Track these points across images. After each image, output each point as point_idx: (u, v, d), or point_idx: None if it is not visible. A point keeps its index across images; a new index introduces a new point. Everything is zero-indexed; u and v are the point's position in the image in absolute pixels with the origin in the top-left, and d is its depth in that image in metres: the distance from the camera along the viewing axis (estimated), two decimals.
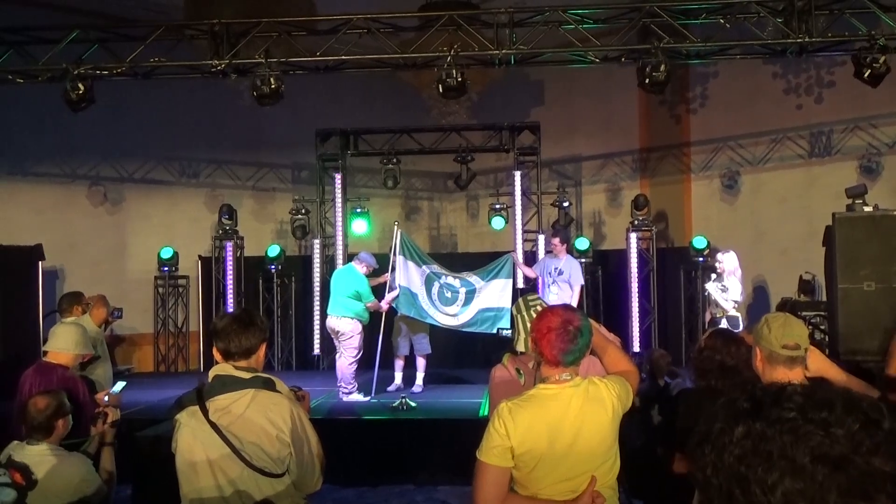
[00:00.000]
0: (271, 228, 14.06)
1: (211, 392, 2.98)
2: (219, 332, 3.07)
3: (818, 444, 0.86)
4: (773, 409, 0.92)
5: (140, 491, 6.86)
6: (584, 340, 2.76)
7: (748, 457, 0.89)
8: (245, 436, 2.91)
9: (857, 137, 11.63)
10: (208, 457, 2.91)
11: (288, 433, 2.95)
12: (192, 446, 2.95)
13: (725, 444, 0.92)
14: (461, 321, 9.29)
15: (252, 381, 3.01)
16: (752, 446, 0.89)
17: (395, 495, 7.15)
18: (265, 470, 2.91)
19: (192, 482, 2.95)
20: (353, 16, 9.39)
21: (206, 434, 2.91)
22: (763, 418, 0.91)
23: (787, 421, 0.89)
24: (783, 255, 11.67)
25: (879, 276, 6.55)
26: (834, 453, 0.85)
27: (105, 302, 7.23)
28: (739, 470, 0.89)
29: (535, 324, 2.81)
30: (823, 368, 3.16)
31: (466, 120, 14.04)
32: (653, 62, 8.79)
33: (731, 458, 0.90)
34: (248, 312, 3.19)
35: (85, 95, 9.19)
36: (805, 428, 0.88)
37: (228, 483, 2.90)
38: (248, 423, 2.92)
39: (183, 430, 2.98)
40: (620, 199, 13.90)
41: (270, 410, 2.96)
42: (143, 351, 13.15)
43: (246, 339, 3.05)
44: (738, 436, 0.91)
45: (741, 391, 0.99)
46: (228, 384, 2.99)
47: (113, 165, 13.10)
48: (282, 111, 10.81)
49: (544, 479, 2.71)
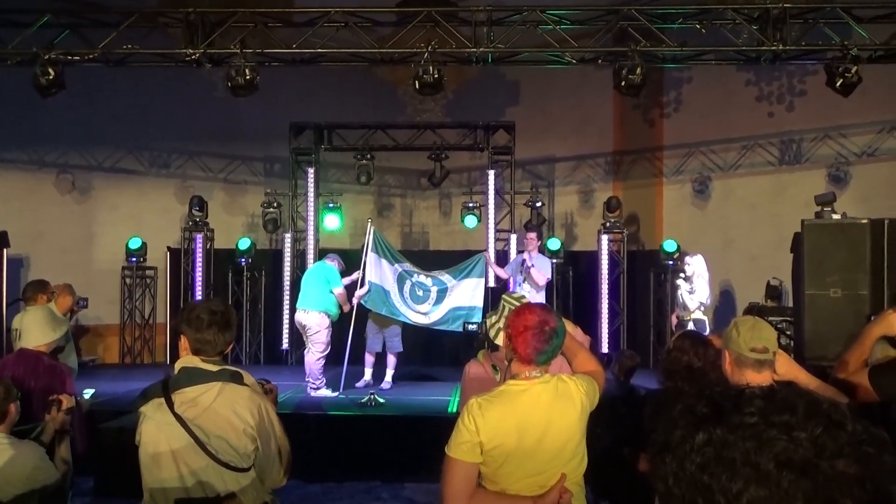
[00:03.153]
0: (242, 221, 13.94)
1: (177, 384, 2.93)
2: (194, 328, 2.99)
3: (782, 450, 0.83)
4: (734, 414, 0.88)
5: (103, 482, 6.79)
6: (558, 342, 2.78)
7: (711, 465, 0.86)
8: (211, 429, 2.86)
9: (826, 146, 11.77)
10: (172, 449, 2.87)
11: (255, 427, 2.92)
12: (156, 438, 2.90)
13: (686, 453, 0.88)
14: (432, 319, 9.29)
15: (219, 373, 2.97)
16: (714, 454, 0.86)
17: (362, 492, 7.12)
18: (230, 464, 2.87)
19: (155, 474, 2.90)
20: (330, 9, 9.34)
21: (170, 426, 2.86)
22: (724, 424, 0.88)
23: (749, 426, 0.86)
24: (752, 260, 11.78)
25: (845, 282, 6.64)
26: (798, 458, 0.82)
27: (71, 291, 7.10)
28: (702, 479, 0.86)
29: (512, 321, 2.81)
30: (792, 372, 3.19)
31: (441, 118, 14.02)
32: (629, 65, 8.85)
33: (692, 467, 0.87)
34: (226, 312, 3.07)
35: (55, 81, 9.04)
36: (768, 433, 0.85)
37: (191, 475, 2.86)
38: (214, 415, 2.88)
39: (147, 422, 2.93)
40: (593, 200, 13.96)
41: (237, 404, 2.92)
42: (109, 342, 12.99)
43: (223, 341, 3.00)
44: (700, 443, 0.88)
45: (698, 395, 0.95)
46: (195, 376, 2.94)
47: (82, 154, 12.91)
48: (255, 103, 10.72)
49: (513, 475, 2.71)
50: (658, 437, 0.95)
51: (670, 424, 0.94)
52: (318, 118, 12.57)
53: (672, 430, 0.92)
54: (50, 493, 3.77)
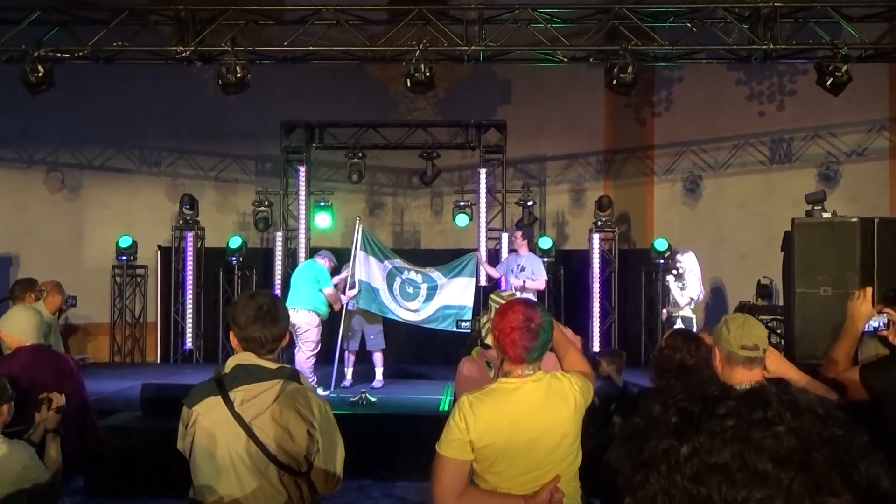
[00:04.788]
0: (233, 220, 13.90)
1: (235, 382, 2.79)
2: (239, 324, 2.85)
3: (772, 447, 0.80)
4: (710, 419, 0.84)
5: (92, 481, 6.75)
6: (547, 336, 2.77)
7: (704, 475, 0.81)
8: (271, 429, 2.75)
9: (816, 145, 11.82)
10: (229, 450, 2.75)
11: (318, 427, 2.80)
12: (211, 440, 2.76)
13: (673, 466, 0.83)
14: (422, 317, 9.26)
15: (280, 371, 2.85)
16: (702, 463, 0.82)
17: (353, 490, 7.10)
18: (290, 466, 2.77)
19: (210, 478, 2.78)
20: (321, 7, 9.32)
21: (228, 426, 2.74)
22: (703, 431, 0.83)
23: (729, 429, 0.82)
24: (742, 259, 11.82)
25: (836, 281, 6.65)
26: (793, 453, 0.80)
27: (60, 289, 7.06)
28: (699, 491, 0.81)
29: (497, 322, 2.79)
30: (782, 370, 3.20)
31: (433, 116, 14.00)
32: (620, 63, 8.86)
33: (685, 481, 0.82)
34: (272, 306, 2.92)
35: (45, 78, 8.99)
36: (752, 433, 0.81)
37: (249, 479, 2.75)
38: (275, 415, 2.76)
39: (201, 423, 2.79)
40: (584, 199, 13.97)
41: (300, 403, 2.80)
42: (99, 341, 12.92)
43: (271, 337, 2.87)
44: (686, 454, 0.83)
45: (663, 406, 0.90)
46: (254, 374, 2.80)
47: (72, 151, 12.84)
48: (246, 102, 10.68)
49: (505, 473, 2.70)
50: (625, 454, 0.89)
51: (638, 439, 0.88)
52: (310, 116, 12.53)
53: (643, 444, 0.87)
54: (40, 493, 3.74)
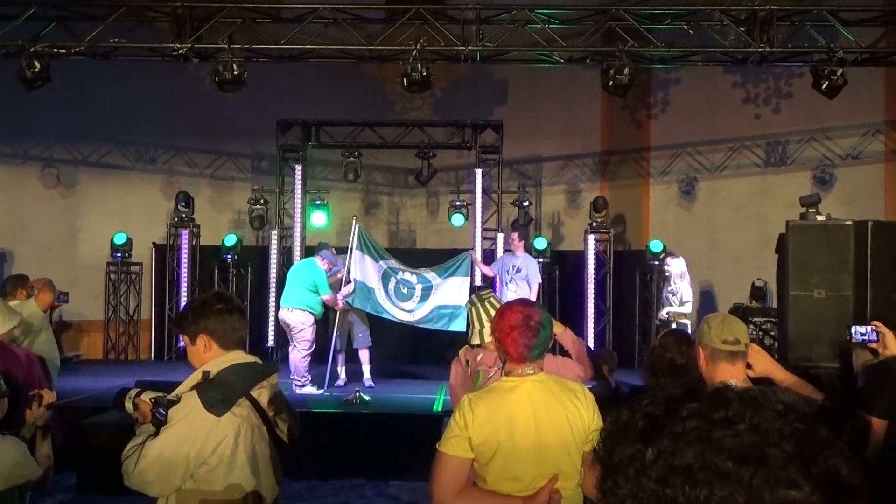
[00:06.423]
0: (228, 218, 13.88)
1: (253, 381, 2.76)
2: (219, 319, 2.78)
3: (732, 445, 0.81)
4: (673, 421, 0.86)
5: (85, 478, 6.74)
6: (547, 333, 2.79)
7: (669, 477, 0.82)
8: (280, 424, 2.84)
9: (811, 148, 11.84)
10: (257, 450, 2.77)
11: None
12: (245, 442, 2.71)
13: (639, 470, 0.85)
14: (417, 317, 9.26)
15: (267, 365, 2.86)
16: (667, 465, 0.83)
17: (346, 489, 7.11)
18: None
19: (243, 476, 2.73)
20: (319, 5, 9.33)
21: (257, 427, 2.75)
22: (667, 434, 0.85)
23: (691, 430, 0.84)
24: (737, 261, 11.84)
25: (829, 284, 6.69)
26: (752, 449, 0.81)
27: (51, 286, 7.00)
28: (665, 492, 0.82)
29: (497, 323, 2.82)
30: (769, 369, 3.21)
31: (429, 116, 14.00)
32: (617, 65, 8.88)
33: (651, 484, 0.83)
34: (235, 299, 2.92)
35: (41, 74, 8.98)
36: (713, 433, 0.83)
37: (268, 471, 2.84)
38: (277, 410, 2.84)
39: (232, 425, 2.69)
40: (580, 200, 13.98)
41: (283, 395, 2.93)
42: (92, 338, 12.89)
43: (244, 327, 2.89)
44: (651, 458, 0.84)
45: (630, 411, 0.91)
46: (259, 372, 2.79)
47: (67, 148, 12.82)
48: (243, 100, 10.67)
49: (505, 471, 2.70)
50: (598, 460, 0.91)
51: (609, 444, 0.90)
52: (306, 115, 12.53)
53: (612, 450, 0.89)
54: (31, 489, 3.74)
